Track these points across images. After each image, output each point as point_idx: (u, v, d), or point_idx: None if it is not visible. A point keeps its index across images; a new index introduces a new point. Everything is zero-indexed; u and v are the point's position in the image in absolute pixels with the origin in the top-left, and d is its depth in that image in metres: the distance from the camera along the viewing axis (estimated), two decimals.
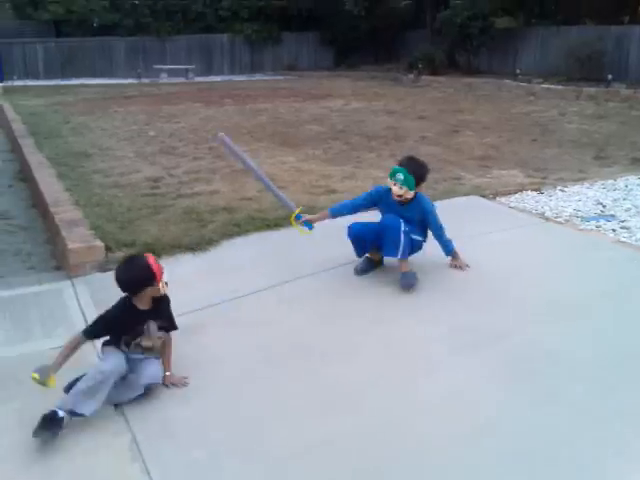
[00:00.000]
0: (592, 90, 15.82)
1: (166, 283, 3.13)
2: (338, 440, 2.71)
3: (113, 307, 3.11)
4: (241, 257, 4.79)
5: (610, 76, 16.98)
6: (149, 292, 3.08)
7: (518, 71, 20.40)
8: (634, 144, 8.99)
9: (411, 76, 21.65)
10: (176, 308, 3.91)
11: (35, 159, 7.89)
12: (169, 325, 3.25)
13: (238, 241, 5.07)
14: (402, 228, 4.11)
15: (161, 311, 3.19)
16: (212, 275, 4.50)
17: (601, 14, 20.16)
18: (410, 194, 4.14)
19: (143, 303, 3.12)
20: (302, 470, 2.56)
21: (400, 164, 4.18)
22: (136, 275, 3.03)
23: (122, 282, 3.06)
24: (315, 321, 3.83)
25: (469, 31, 22.30)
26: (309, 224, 4.40)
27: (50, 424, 2.74)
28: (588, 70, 17.72)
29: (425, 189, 6.54)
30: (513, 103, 14.45)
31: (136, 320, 3.11)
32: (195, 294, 4.17)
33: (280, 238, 5.13)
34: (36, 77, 23.41)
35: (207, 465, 2.61)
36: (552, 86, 17.27)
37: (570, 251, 4.89)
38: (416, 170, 4.15)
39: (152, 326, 3.14)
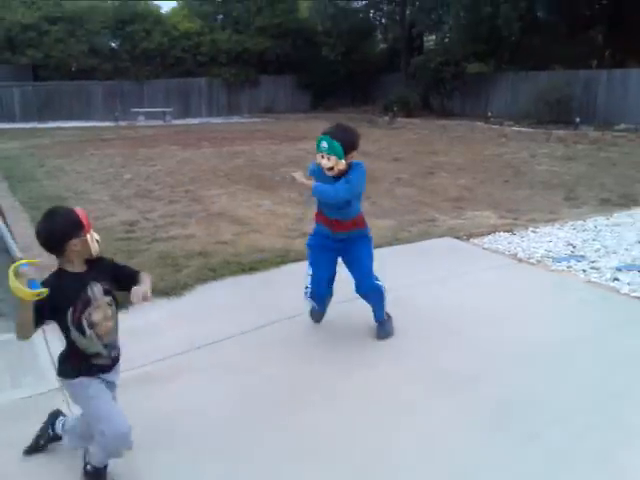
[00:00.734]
0: (561, 133, 16.27)
1: (97, 240, 2.57)
2: None
3: (42, 283, 2.41)
4: (216, 302, 4.76)
5: (578, 119, 17.52)
6: (76, 247, 2.51)
7: (490, 114, 20.97)
8: (602, 185, 9.21)
9: (386, 118, 22.08)
10: (150, 354, 3.89)
11: (7, 203, 7.83)
12: (124, 280, 2.67)
13: (213, 285, 5.04)
14: (383, 290, 4.00)
15: (102, 272, 2.62)
16: (187, 320, 4.45)
17: (570, 59, 20.89)
18: (342, 164, 3.57)
19: (74, 265, 2.55)
20: None
21: (324, 132, 3.62)
22: (56, 225, 2.49)
23: (41, 237, 2.49)
24: (291, 366, 3.80)
25: (442, 75, 22.98)
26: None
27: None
28: (557, 113, 18.27)
29: (400, 231, 6.68)
30: (486, 145, 14.77)
31: (72, 287, 2.52)
32: (169, 340, 4.12)
33: (255, 282, 5.13)
34: (12, 120, 23.40)
35: None
36: (523, 129, 17.74)
37: (543, 292, 4.94)
38: (344, 136, 3.58)
39: (95, 289, 2.56)
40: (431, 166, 11.35)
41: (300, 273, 5.30)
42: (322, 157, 3.58)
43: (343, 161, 3.55)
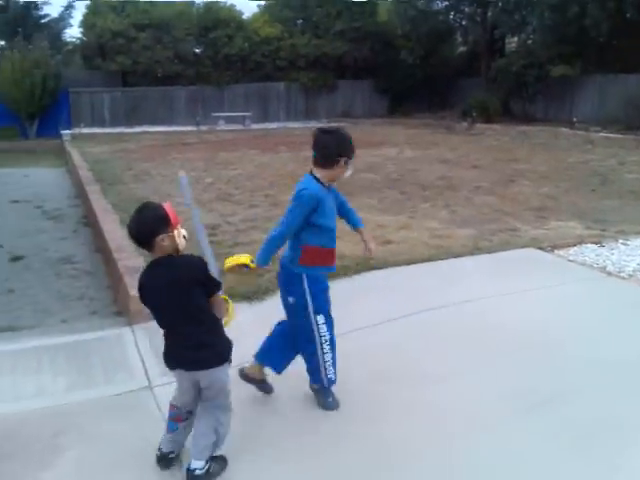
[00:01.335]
0: None
1: (184, 236, 2.70)
2: None
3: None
4: None
5: None
6: (164, 242, 2.62)
7: (575, 119, 20.20)
8: None
9: (465, 124, 21.69)
10: (235, 358, 3.98)
11: (100, 205, 8.22)
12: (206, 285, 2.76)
13: None
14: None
15: None
16: (270, 325, 4.53)
17: None
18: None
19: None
20: None
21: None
22: (146, 220, 2.62)
23: (132, 231, 2.66)
24: (359, 379, 3.80)
25: (525, 79, 22.35)
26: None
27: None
28: None
29: (481, 240, 6.55)
30: (570, 152, 14.25)
31: None
32: (252, 343, 4.21)
33: (337, 288, 5.13)
34: (102, 125, 24.56)
35: None
36: (611, 135, 17.01)
37: (635, 308, 4.73)
38: (316, 143, 3.29)
39: None
40: (512, 174, 11.06)
41: (378, 280, 5.33)
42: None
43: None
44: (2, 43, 28.11)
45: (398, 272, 5.51)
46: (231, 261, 3.40)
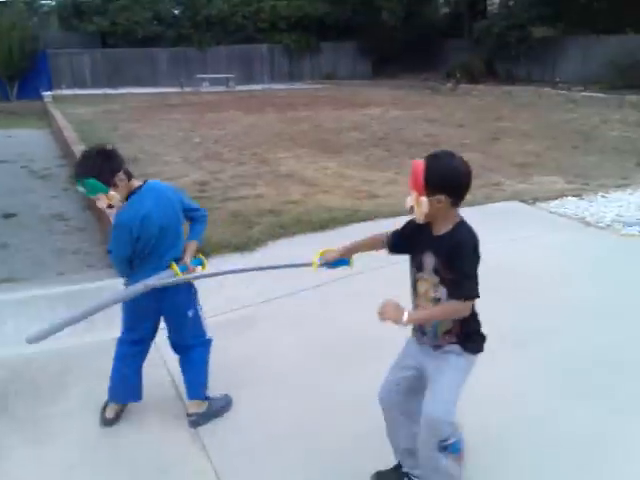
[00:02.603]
0: (634, 98, 15.65)
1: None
2: None
3: None
4: (288, 257, 4.96)
5: None
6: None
7: (558, 79, 20.30)
8: None
9: (449, 85, 21.70)
10: (230, 304, 4.16)
11: None
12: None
13: (284, 242, 5.26)
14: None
15: None
16: (261, 274, 4.68)
17: None
18: (112, 197, 2.77)
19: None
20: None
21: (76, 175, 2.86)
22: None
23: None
24: (361, 318, 3.97)
25: (507, 40, 22.30)
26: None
27: None
28: (629, 78, 17.54)
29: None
30: (553, 111, 14.40)
31: None
32: (244, 291, 4.37)
33: (326, 239, 5.30)
34: (83, 86, 24.17)
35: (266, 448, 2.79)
36: (593, 94, 17.13)
37: (612, 255, 4.94)
38: (88, 169, 2.73)
39: None
40: (496, 132, 11.21)
41: (369, 231, 5.47)
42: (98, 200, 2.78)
43: (112, 193, 2.73)
44: None
45: (385, 224, 5.64)
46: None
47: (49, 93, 20.15)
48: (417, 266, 2.30)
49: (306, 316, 4.04)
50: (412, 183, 2.16)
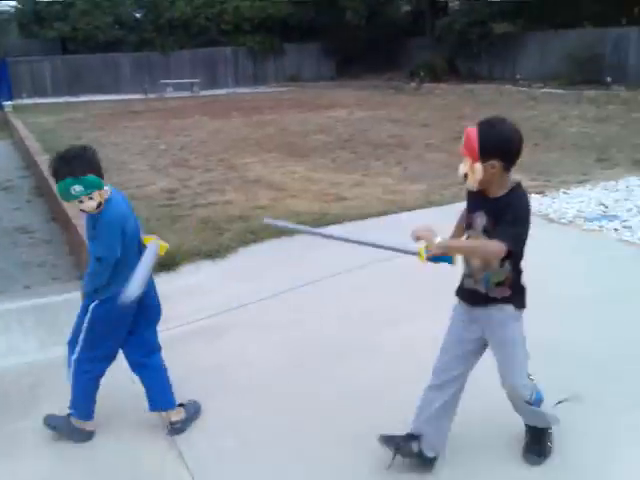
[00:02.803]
0: (592, 93, 16.05)
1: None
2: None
3: None
4: (259, 263, 5.01)
5: (609, 79, 17.22)
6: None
7: (518, 76, 20.69)
8: (635, 146, 9.18)
9: (413, 84, 21.93)
10: (202, 311, 4.17)
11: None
12: None
13: (255, 248, 5.28)
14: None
15: None
16: (233, 280, 4.71)
17: (599, 16, 20.38)
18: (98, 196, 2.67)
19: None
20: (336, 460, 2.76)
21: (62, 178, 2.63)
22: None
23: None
24: (331, 321, 4.03)
25: (469, 37, 22.62)
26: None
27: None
28: (588, 72, 17.96)
29: (432, 194, 6.81)
30: (514, 108, 14.64)
31: None
32: (217, 298, 4.39)
33: (295, 244, 5.33)
34: (44, 94, 23.79)
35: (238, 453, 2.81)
36: (553, 90, 17.52)
37: (575, 250, 5.09)
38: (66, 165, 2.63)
39: None
40: (460, 131, 11.14)
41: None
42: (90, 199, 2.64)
43: (106, 188, 2.68)
44: None
45: (354, 226, 5.72)
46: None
47: (9, 103, 19.77)
48: (467, 224, 2.45)
49: (275, 322, 4.07)
50: (466, 150, 2.27)
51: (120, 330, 2.96)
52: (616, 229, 5.40)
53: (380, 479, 2.59)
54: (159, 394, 3.02)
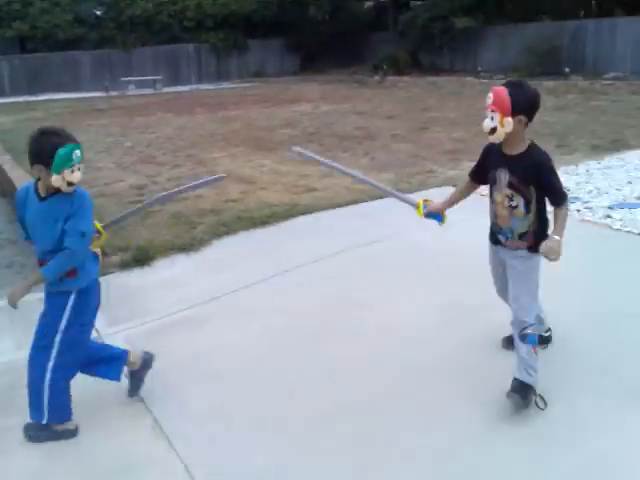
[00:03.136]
0: (551, 84, 16.40)
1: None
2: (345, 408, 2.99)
3: None
4: (233, 254, 5.04)
5: (568, 69, 17.65)
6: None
7: (480, 68, 21.03)
8: (593, 132, 9.46)
9: (377, 77, 22.09)
10: (181, 302, 4.19)
11: (16, 175, 8.01)
12: None
13: (228, 240, 5.31)
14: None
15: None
16: (208, 272, 4.74)
17: (558, 10, 20.87)
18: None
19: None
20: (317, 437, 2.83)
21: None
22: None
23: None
24: (307, 307, 4.10)
25: (431, 32, 22.92)
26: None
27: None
28: (547, 64, 18.38)
29: (400, 182, 6.92)
30: (477, 99, 14.85)
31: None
32: (196, 290, 4.41)
33: (268, 235, 5.39)
34: (2, 94, 23.26)
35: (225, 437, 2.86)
36: None
37: None
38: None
39: None
40: (425, 122, 11.54)
41: (308, 225, 5.61)
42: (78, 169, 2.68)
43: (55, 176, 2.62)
44: None
45: (325, 216, 5.79)
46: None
47: None
48: (492, 181, 2.86)
49: (253, 310, 4.12)
50: (497, 106, 2.62)
51: (92, 321, 2.98)
52: (578, 210, 5.58)
53: (369, 454, 2.67)
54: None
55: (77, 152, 2.66)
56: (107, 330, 3.91)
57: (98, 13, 25.93)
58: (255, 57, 28.90)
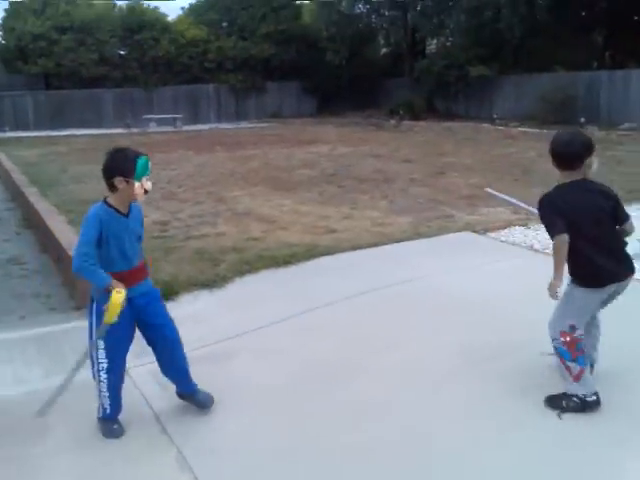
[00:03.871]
0: None
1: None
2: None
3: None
4: (256, 292, 5.11)
5: (583, 119, 17.84)
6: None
7: (495, 116, 21.31)
8: (611, 181, 9.29)
9: (393, 121, 22.44)
10: (207, 338, 4.25)
11: (43, 207, 8.17)
12: None
13: (251, 278, 5.38)
14: None
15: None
16: (232, 309, 4.80)
17: (571, 61, 21.26)
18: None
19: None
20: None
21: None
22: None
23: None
24: (329, 346, 4.14)
25: (446, 79, 23.36)
26: None
27: None
28: (561, 114, 18.61)
29: (419, 226, 7.01)
30: (493, 146, 15.10)
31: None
32: (218, 326, 4.47)
33: (290, 274, 5.46)
34: (26, 128, 23.85)
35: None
36: (528, 129, 18.07)
37: None
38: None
39: None
40: (442, 167, 11.68)
41: (330, 265, 5.68)
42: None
43: None
44: None
45: (346, 257, 5.87)
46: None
47: None
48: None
49: (280, 346, 4.16)
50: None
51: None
52: None
53: None
54: None
55: (149, 164, 3.03)
56: (133, 362, 3.96)
57: (122, 53, 26.70)
58: (273, 98, 29.51)
